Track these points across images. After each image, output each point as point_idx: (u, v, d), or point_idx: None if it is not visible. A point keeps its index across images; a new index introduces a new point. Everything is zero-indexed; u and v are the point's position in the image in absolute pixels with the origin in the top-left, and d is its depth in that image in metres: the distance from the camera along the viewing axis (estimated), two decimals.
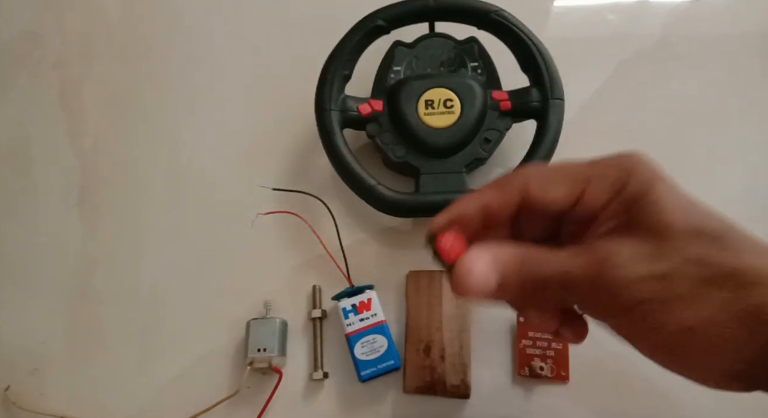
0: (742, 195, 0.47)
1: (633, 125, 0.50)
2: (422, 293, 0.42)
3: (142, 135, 0.52)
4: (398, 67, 0.46)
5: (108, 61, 0.55)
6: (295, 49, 0.54)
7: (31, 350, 0.44)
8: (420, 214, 0.42)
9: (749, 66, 0.52)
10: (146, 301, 0.45)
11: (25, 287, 0.46)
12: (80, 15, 0.58)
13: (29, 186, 0.50)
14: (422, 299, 0.42)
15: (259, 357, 0.40)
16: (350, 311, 0.41)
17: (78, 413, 0.42)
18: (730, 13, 0.54)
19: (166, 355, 0.43)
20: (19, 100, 0.54)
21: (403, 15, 0.44)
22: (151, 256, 0.47)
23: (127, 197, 0.49)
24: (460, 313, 0.41)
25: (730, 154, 0.49)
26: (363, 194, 0.42)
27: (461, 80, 0.44)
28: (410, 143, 0.43)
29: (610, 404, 0.40)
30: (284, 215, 0.46)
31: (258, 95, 0.53)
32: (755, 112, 0.50)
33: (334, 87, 0.43)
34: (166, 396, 0.42)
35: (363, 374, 0.39)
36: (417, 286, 0.42)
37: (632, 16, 0.55)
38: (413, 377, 0.40)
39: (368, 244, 0.46)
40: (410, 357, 0.40)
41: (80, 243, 0.48)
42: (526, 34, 0.44)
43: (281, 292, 0.44)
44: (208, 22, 0.57)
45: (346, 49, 0.44)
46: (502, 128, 0.44)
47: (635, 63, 0.52)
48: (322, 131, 0.42)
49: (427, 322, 0.41)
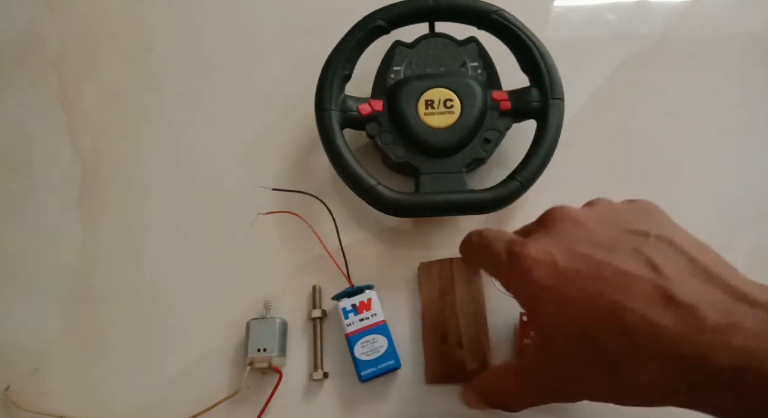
0: (741, 195, 0.47)
1: (633, 125, 0.50)
2: (434, 282, 0.42)
3: (142, 135, 0.52)
4: (398, 67, 0.46)
5: (108, 61, 0.55)
6: (295, 49, 0.54)
7: (31, 350, 0.44)
8: (420, 214, 0.42)
9: (749, 66, 0.52)
10: (146, 301, 0.45)
11: (25, 287, 0.46)
12: (80, 15, 0.58)
13: (29, 186, 0.50)
14: (434, 288, 0.42)
15: (259, 357, 0.40)
16: (350, 311, 0.41)
17: (78, 413, 0.42)
18: (730, 13, 0.54)
19: (166, 355, 0.43)
20: (19, 100, 0.54)
21: (403, 15, 0.44)
22: (151, 256, 0.47)
23: (127, 197, 0.49)
24: (472, 298, 0.41)
25: (729, 155, 0.49)
26: (363, 194, 0.42)
27: (461, 80, 0.44)
28: (410, 143, 0.43)
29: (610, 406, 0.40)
30: (284, 214, 0.46)
31: (258, 95, 0.53)
32: (755, 112, 0.50)
33: (334, 87, 0.43)
34: (166, 396, 0.42)
35: (363, 374, 0.39)
36: (429, 277, 0.42)
37: (632, 16, 0.55)
38: (433, 367, 0.40)
39: (368, 244, 0.46)
40: (429, 348, 0.40)
41: (80, 243, 0.48)
42: (527, 34, 0.44)
43: (281, 292, 0.44)
44: (208, 22, 0.57)
45: (346, 49, 0.44)
46: (502, 128, 0.44)
47: (635, 63, 0.52)
48: (322, 131, 0.42)
49: (441, 311, 0.41)
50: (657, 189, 0.47)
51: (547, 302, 0.29)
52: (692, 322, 0.25)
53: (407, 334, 0.43)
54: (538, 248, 0.30)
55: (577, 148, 0.47)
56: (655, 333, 0.25)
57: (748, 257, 0.44)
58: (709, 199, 0.47)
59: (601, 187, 0.47)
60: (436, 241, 0.46)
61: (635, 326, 0.26)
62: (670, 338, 0.25)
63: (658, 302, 0.26)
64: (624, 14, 0.55)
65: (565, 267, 0.29)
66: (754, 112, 0.50)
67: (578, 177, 0.47)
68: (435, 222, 0.47)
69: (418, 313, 0.43)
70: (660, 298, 0.26)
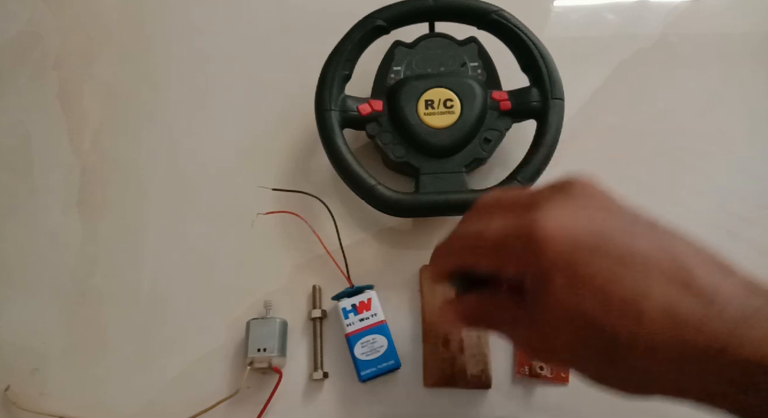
0: (740, 195, 0.47)
1: (633, 125, 0.50)
2: (436, 286, 0.42)
3: (142, 135, 0.52)
4: (398, 67, 0.46)
5: (108, 61, 0.55)
6: (295, 49, 0.54)
7: (31, 350, 0.44)
8: (420, 214, 0.42)
9: (749, 66, 0.52)
10: (146, 301, 0.45)
11: (25, 287, 0.46)
12: (80, 15, 0.58)
13: (29, 186, 0.50)
14: (437, 292, 0.42)
15: (259, 357, 0.40)
16: (350, 311, 0.41)
17: (78, 412, 0.42)
18: (730, 13, 0.54)
19: (166, 355, 0.43)
20: (19, 100, 0.54)
21: (403, 15, 0.44)
22: (151, 256, 0.47)
23: (127, 197, 0.49)
24: None
25: (729, 154, 0.49)
26: (363, 194, 0.42)
27: (461, 80, 0.44)
28: (410, 143, 0.43)
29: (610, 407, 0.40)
30: (284, 215, 0.46)
31: (258, 95, 0.53)
32: (755, 112, 0.50)
33: (334, 87, 0.43)
34: (166, 396, 0.42)
35: (363, 374, 0.39)
36: (431, 281, 0.42)
37: (632, 16, 0.55)
38: (433, 371, 0.40)
39: (368, 244, 0.46)
40: (429, 351, 0.40)
41: (80, 243, 0.48)
42: (527, 34, 0.44)
43: (281, 292, 0.44)
44: (208, 22, 0.57)
45: (346, 49, 0.43)
46: (502, 128, 0.44)
47: (635, 63, 0.52)
48: (322, 131, 0.42)
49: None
50: (657, 188, 0.47)
51: (560, 279, 0.26)
52: (711, 309, 0.24)
53: (407, 334, 0.43)
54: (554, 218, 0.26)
55: (577, 148, 0.47)
56: (672, 320, 0.24)
57: (749, 257, 0.44)
58: (709, 198, 0.47)
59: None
60: (436, 241, 0.46)
61: (651, 311, 0.24)
62: (687, 326, 0.24)
63: (677, 285, 0.24)
64: (624, 14, 0.55)
65: (585, 242, 0.26)
66: (754, 112, 0.50)
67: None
68: (435, 222, 0.47)
69: (418, 313, 0.43)
70: (680, 282, 0.25)
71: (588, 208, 0.27)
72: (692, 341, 0.24)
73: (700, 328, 0.24)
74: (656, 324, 0.24)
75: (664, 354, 0.25)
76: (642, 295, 0.25)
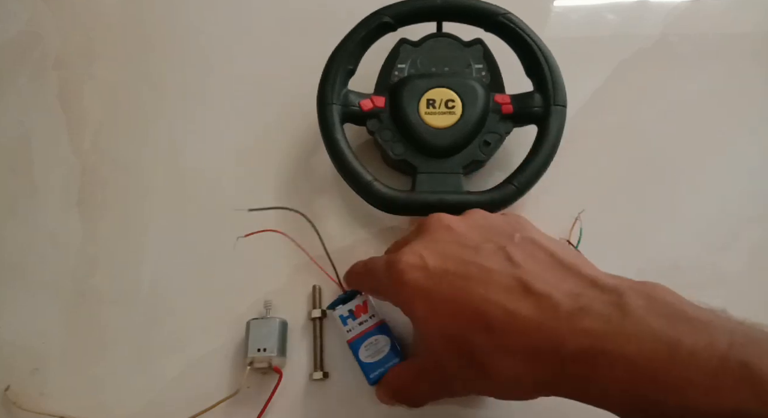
0: (741, 196, 0.47)
1: (633, 125, 0.50)
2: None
3: (142, 135, 0.52)
4: (403, 64, 0.46)
5: (108, 61, 0.55)
6: (295, 49, 0.54)
7: (31, 350, 0.44)
8: (413, 212, 0.42)
9: (749, 66, 0.52)
10: (146, 300, 0.45)
11: (25, 287, 0.46)
12: (80, 15, 0.58)
13: (29, 186, 0.50)
14: None
15: (259, 357, 0.40)
16: (348, 316, 0.40)
17: (78, 413, 0.42)
18: (730, 13, 0.54)
19: (166, 355, 0.43)
20: (19, 100, 0.54)
21: (410, 13, 0.44)
22: (151, 255, 0.47)
23: (127, 197, 0.49)
24: None
25: (729, 154, 0.49)
26: (358, 189, 0.42)
27: (464, 81, 0.44)
28: (409, 141, 0.43)
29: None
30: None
31: (258, 94, 0.53)
32: (755, 113, 0.50)
33: (337, 81, 0.43)
34: (166, 396, 0.42)
35: (372, 376, 0.39)
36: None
37: (632, 16, 0.55)
38: None
39: (368, 244, 0.46)
40: None
41: (80, 243, 0.48)
42: (533, 38, 0.43)
43: (281, 292, 0.44)
44: (209, 22, 0.57)
45: (351, 43, 0.43)
46: (503, 132, 0.44)
47: (635, 63, 0.52)
48: (323, 125, 0.42)
49: None
50: (657, 189, 0.47)
51: (420, 305, 0.30)
52: (548, 310, 0.26)
53: (408, 331, 0.42)
54: (410, 253, 0.32)
55: (576, 149, 0.47)
56: (515, 325, 0.26)
57: (749, 257, 0.44)
58: (709, 199, 0.47)
59: (601, 187, 0.48)
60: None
61: (497, 319, 0.27)
62: (529, 328, 0.26)
63: (516, 294, 0.27)
64: (624, 14, 0.55)
65: (435, 268, 0.30)
66: (754, 112, 0.50)
67: (578, 177, 0.47)
68: None
69: None
70: (519, 289, 0.27)
71: (439, 241, 0.32)
72: (537, 340, 0.26)
73: (540, 327, 0.26)
74: (504, 330, 0.27)
75: (520, 356, 0.27)
76: (486, 303, 0.27)
